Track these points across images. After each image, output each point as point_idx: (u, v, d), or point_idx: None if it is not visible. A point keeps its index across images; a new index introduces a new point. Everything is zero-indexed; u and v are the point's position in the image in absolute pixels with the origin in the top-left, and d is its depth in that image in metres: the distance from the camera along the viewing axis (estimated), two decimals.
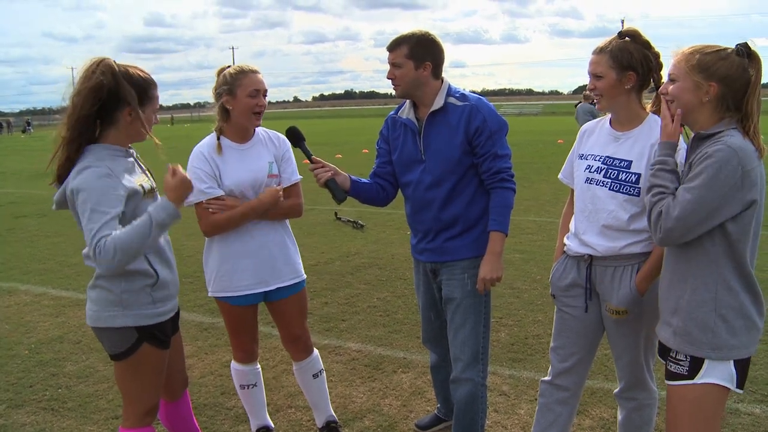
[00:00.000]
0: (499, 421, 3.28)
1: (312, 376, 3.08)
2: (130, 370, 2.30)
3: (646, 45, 2.31)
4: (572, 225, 2.52)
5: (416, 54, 2.54)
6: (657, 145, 2.08)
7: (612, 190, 2.34)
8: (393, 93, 2.65)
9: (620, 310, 2.36)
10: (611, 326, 2.45)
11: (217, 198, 2.70)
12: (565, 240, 2.55)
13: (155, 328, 2.30)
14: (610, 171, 2.36)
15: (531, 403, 3.38)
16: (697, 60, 1.93)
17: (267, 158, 2.81)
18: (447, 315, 2.75)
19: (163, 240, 2.35)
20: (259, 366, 3.09)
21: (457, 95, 2.62)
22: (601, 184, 2.37)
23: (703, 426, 1.99)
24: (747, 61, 1.91)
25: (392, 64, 2.58)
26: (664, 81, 2.26)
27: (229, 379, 3.49)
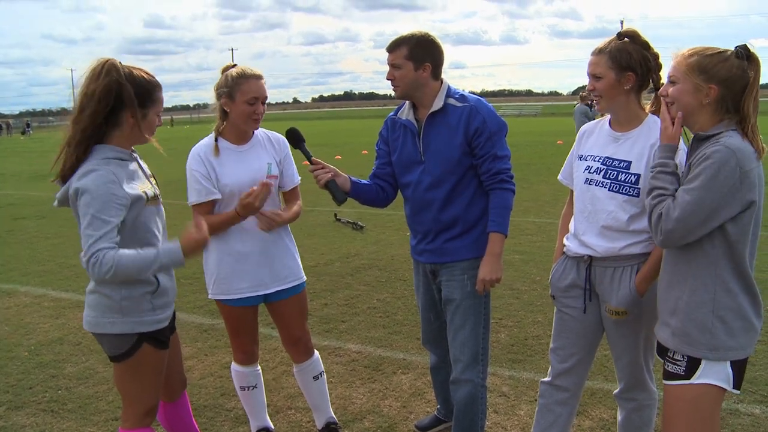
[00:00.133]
0: (499, 422, 3.28)
1: (312, 378, 3.08)
2: (130, 371, 2.29)
3: (645, 46, 2.31)
4: (572, 226, 2.52)
5: (416, 55, 2.54)
6: (657, 148, 2.08)
7: (611, 191, 2.34)
8: (392, 94, 2.64)
9: (620, 311, 2.36)
10: (611, 327, 2.45)
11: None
12: (565, 241, 2.55)
13: (155, 332, 2.30)
14: (610, 172, 2.36)
15: (531, 404, 3.38)
16: (697, 62, 1.93)
17: (266, 159, 2.81)
18: (447, 316, 2.75)
19: None
20: (260, 368, 3.09)
21: (457, 96, 2.62)
22: (601, 185, 2.37)
23: (700, 426, 2.00)
24: (746, 63, 1.92)
25: (392, 65, 2.58)
26: (663, 82, 2.26)
27: (229, 381, 3.49)
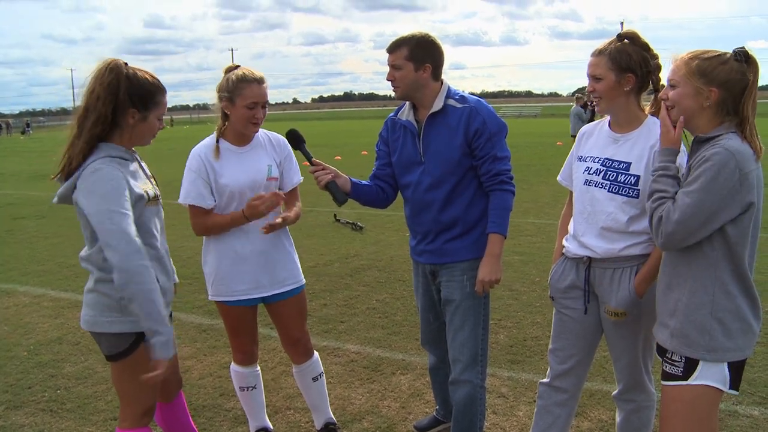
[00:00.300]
0: (498, 423, 3.28)
1: (312, 380, 3.07)
2: (128, 371, 2.29)
3: (645, 47, 2.32)
4: (571, 227, 2.52)
5: (416, 56, 2.54)
6: (658, 151, 2.08)
7: (611, 192, 2.34)
8: (392, 95, 2.65)
9: (619, 312, 2.36)
10: (610, 328, 2.46)
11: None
12: (564, 242, 2.55)
13: None
14: (609, 173, 2.36)
15: (530, 405, 3.38)
16: (697, 65, 1.94)
17: (266, 161, 2.81)
18: (446, 317, 2.74)
19: (163, 249, 2.37)
20: (259, 368, 3.08)
21: (457, 97, 2.62)
22: (600, 186, 2.37)
23: (697, 427, 2.00)
24: (745, 66, 1.92)
25: (392, 66, 2.58)
26: (663, 83, 2.26)
27: (228, 381, 3.49)
